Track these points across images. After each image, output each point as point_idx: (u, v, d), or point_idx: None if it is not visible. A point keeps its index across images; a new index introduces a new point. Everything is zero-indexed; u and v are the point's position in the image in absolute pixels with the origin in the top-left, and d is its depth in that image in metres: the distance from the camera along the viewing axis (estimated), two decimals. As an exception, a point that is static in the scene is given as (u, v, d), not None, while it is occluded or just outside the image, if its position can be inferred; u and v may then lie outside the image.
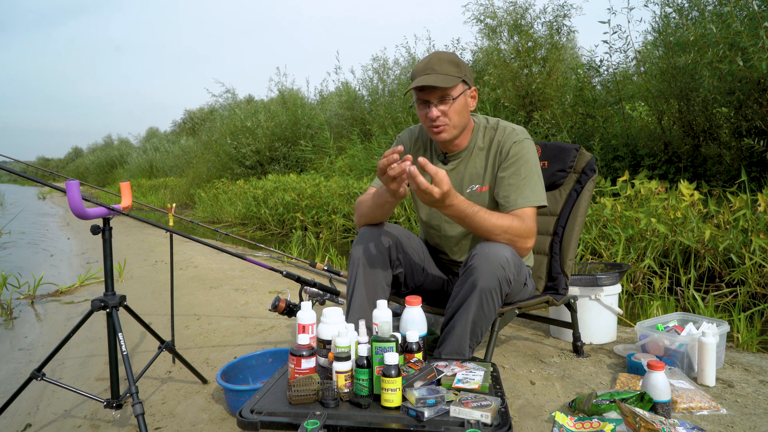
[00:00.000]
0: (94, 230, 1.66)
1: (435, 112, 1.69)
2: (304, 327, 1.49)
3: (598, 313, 2.29)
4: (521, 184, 1.71)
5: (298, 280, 2.17)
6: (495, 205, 1.76)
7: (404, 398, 1.24)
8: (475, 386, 1.31)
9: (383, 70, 9.10)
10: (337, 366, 1.29)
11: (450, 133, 1.74)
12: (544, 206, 1.75)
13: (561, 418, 1.53)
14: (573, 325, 2.16)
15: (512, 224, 1.62)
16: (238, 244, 5.91)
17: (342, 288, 2.44)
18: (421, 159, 1.45)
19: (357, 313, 1.69)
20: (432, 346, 1.90)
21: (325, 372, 1.42)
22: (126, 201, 1.84)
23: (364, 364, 1.29)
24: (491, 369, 1.45)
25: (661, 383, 1.53)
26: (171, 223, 2.63)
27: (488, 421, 1.14)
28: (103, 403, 1.65)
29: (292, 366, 1.35)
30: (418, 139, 1.94)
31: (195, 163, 13.11)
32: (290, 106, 10.90)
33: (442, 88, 1.66)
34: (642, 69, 4.84)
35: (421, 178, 1.45)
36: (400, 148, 1.47)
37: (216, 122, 12.95)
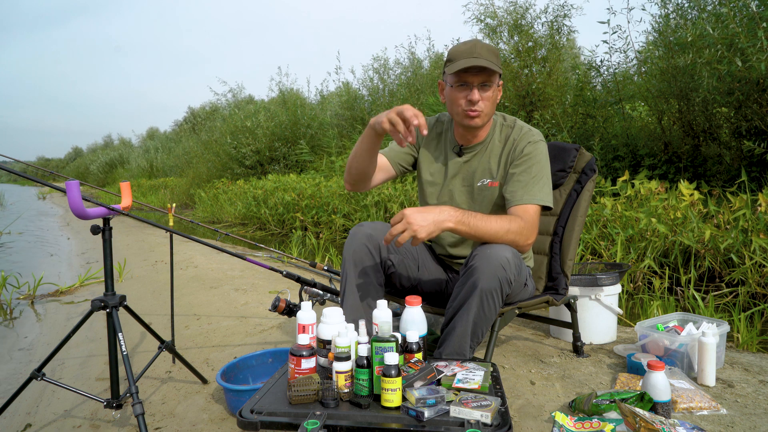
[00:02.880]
0: (94, 230, 1.66)
1: (477, 94, 1.68)
2: (304, 327, 1.49)
3: (598, 313, 2.29)
4: (530, 181, 1.71)
5: (298, 280, 2.17)
6: (503, 202, 1.77)
7: (404, 398, 1.24)
8: (475, 386, 1.31)
9: (384, 70, 9.10)
10: (337, 366, 1.29)
11: (482, 120, 1.74)
12: (550, 208, 1.75)
13: (561, 418, 1.53)
14: (573, 325, 2.16)
15: (511, 224, 1.62)
16: (238, 244, 5.91)
17: (342, 288, 2.44)
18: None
19: (351, 314, 1.69)
20: (432, 346, 1.90)
21: (325, 372, 1.41)
22: (126, 201, 1.84)
23: (364, 364, 1.29)
24: (491, 369, 1.45)
25: (661, 383, 1.53)
26: (171, 223, 2.63)
27: (488, 421, 1.14)
28: (103, 403, 1.65)
29: (292, 366, 1.35)
30: (432, 130, 1.94)
31: (195, 163, 13.11)
32: (290, 106, 10.91)
33: (487, 74, 1.66)
34: (642, 69, 4.84)
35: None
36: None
37: (216, 122, 12.94)
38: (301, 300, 2.18)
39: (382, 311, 1.45)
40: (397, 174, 1.93)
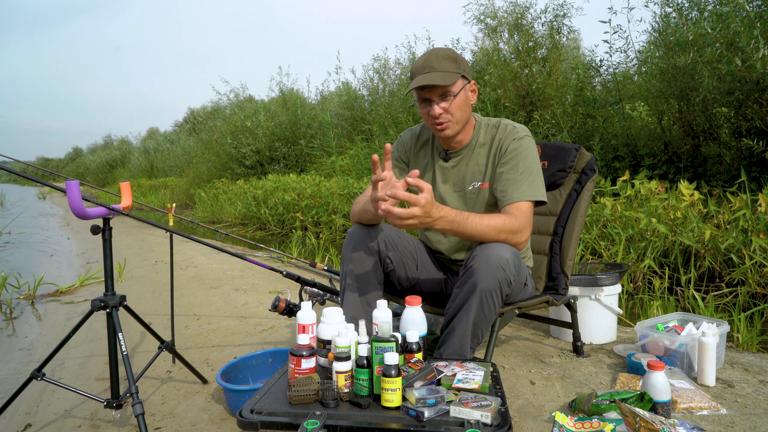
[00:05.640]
0: (94, 230, 1.66)
1: (437, 109, 1.69)
2: (304, 327, 1.49)
3: (598, 313, 2.29)
4: (518, 179, 1.71)
5: (298, 280, 2.17)
6: (495, 202, 1.77)
7: (404, 398, 1.24)
8: (475, 386, 1.31)
9: (384, 70, 9.09)
10: (337, 366, 1.29)
11: (453, 129, 1.75)
12: (544, 202, 1.75)
13: (561, 418, 1.53)
14: (573, 325, 2.16)
15: (504, 222, 1.61)
16: (238, 244, 5.91)
17: (342, 288, 2.44)
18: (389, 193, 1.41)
19: (350, 311, 1.69)
20: (432, 346, 1.89)
21: (325, 372, 1.42)
22: (126, 201, 1.84)
23: (364, 364, 1.29)
24: (491, 369, 1.45)
25: (661, 383, 1.53)
26: (171, 223, 2.63)
27: (488, 421, 1.14)
28: (103, 403, 1.65)
29: (292, 366, 1.35)
30: (419, 138, 1.95)
31: (195, 163, 13.11)
32: (290, 106, 10.90)
33: (443, 86, 1.67)
34: (642, 69, 4.84)
35: (398, 211, 1.40)
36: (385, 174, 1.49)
37: (217, 121, 12.94)
38: (301, 300, 2.18)
39: (382, 311, 1.45)
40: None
